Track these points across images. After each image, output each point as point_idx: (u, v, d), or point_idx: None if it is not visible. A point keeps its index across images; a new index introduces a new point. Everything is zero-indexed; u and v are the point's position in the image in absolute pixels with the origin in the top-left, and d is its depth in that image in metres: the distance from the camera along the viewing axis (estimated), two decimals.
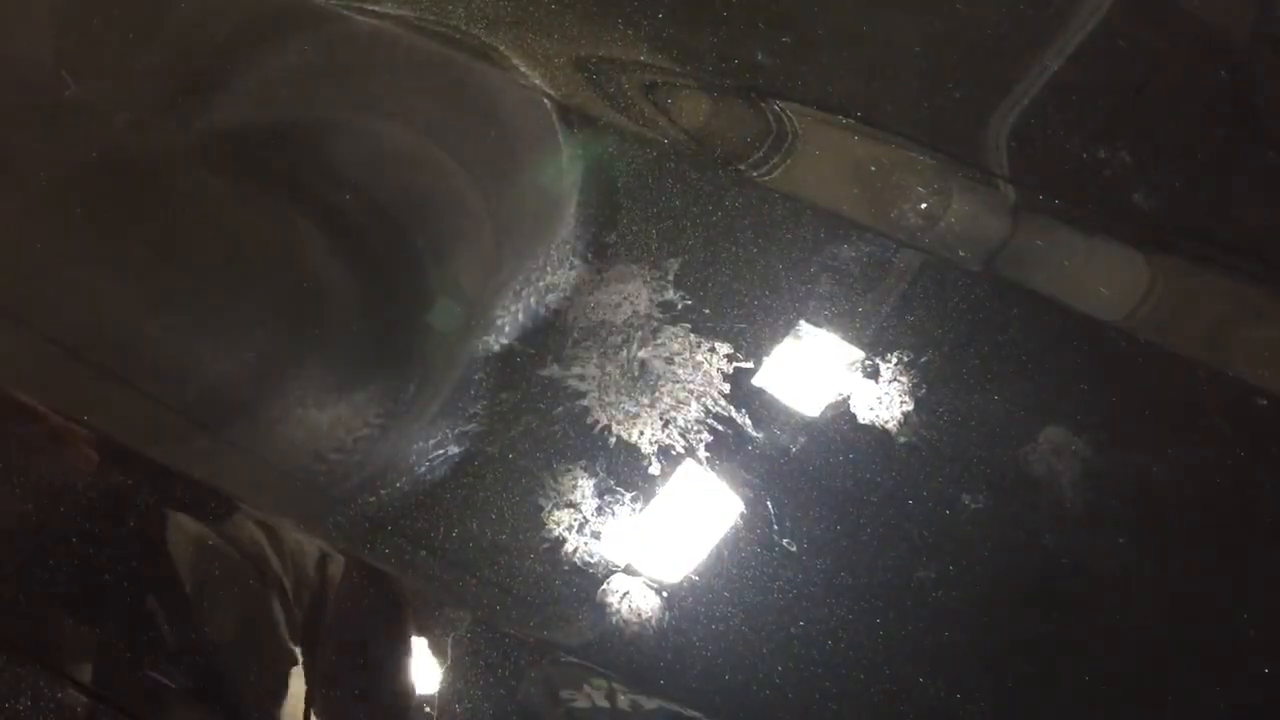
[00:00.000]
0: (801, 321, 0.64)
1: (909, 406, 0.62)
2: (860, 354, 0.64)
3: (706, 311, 0.64)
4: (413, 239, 0.67)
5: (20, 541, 0.56)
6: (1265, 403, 0.65)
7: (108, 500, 0.57)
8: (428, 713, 0.55)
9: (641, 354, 0.62)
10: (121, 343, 0.62)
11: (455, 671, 0.54)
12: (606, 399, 0.60)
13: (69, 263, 0.64)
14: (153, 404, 0.60)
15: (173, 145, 0.67)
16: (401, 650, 0.55)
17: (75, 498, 0.57)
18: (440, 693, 0.55)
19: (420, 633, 0.55)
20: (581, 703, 0.54)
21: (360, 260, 0.66)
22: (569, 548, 0.56)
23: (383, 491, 0.58)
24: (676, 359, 0.62)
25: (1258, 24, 0.86)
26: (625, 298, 0.64)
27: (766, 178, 0.70)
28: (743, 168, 0.71)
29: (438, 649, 0.55)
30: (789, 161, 0.72)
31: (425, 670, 0.55)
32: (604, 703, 0.54)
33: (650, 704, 0.54)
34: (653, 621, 0.55)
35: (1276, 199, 0.78)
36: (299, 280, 0.65)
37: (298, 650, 0.56)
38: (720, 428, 0.60)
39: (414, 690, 0.55)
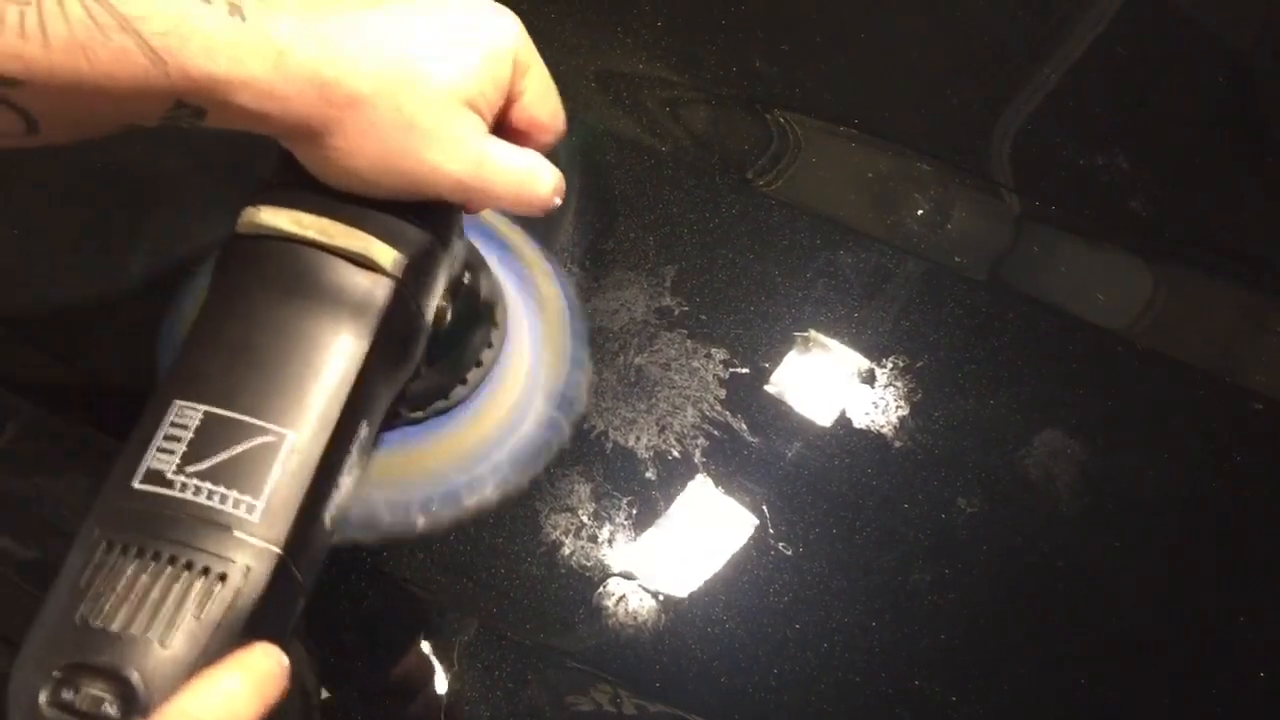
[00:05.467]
0: (797, 327, 0.65)
1: (905, 411, 0.62)
2: (857, 359, 0.64)
3: (703, 318, 0.64)
4: None
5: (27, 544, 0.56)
6: (1260, 407, 0.65)
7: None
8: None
9: (638, 360, 0.62)
10: (119, 344, 0.63)
11: (457, 676, 0.55)
12: (603, 404, 0.61)
13: (72, 265, 0.65)
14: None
15: (173, 150, 0.67)
16: (403, 653, 0.56)
17: (74, 490, 0.57)
18: (439, 696, 0.55)
19: (420, 635, 0.56)
20: (585, 706, 0.55)
21: None
22: (566, 552, 0.57)
23: None
24: (673, 365, 0.62)
25: (1261, 31, 0.86)
26: (622, 304, 0.64)
27: (765, 185, 0.71)
28: (742, 176, 0.71)
29: (439, 652, 0.55)
30: (787, 169, 0.72)
31: (426, 674, 0.55)
32: (608, 707, 0.54)
33: (646, 707, 0.54)
34: (649, 625, 0.55)
35: (1277, 206, 0.78)
36: None
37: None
38: (716, 433, 0.61)
39: (416, 694, 0.55)
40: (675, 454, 0.60)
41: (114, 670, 0.34)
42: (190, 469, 0.38)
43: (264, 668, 0.36)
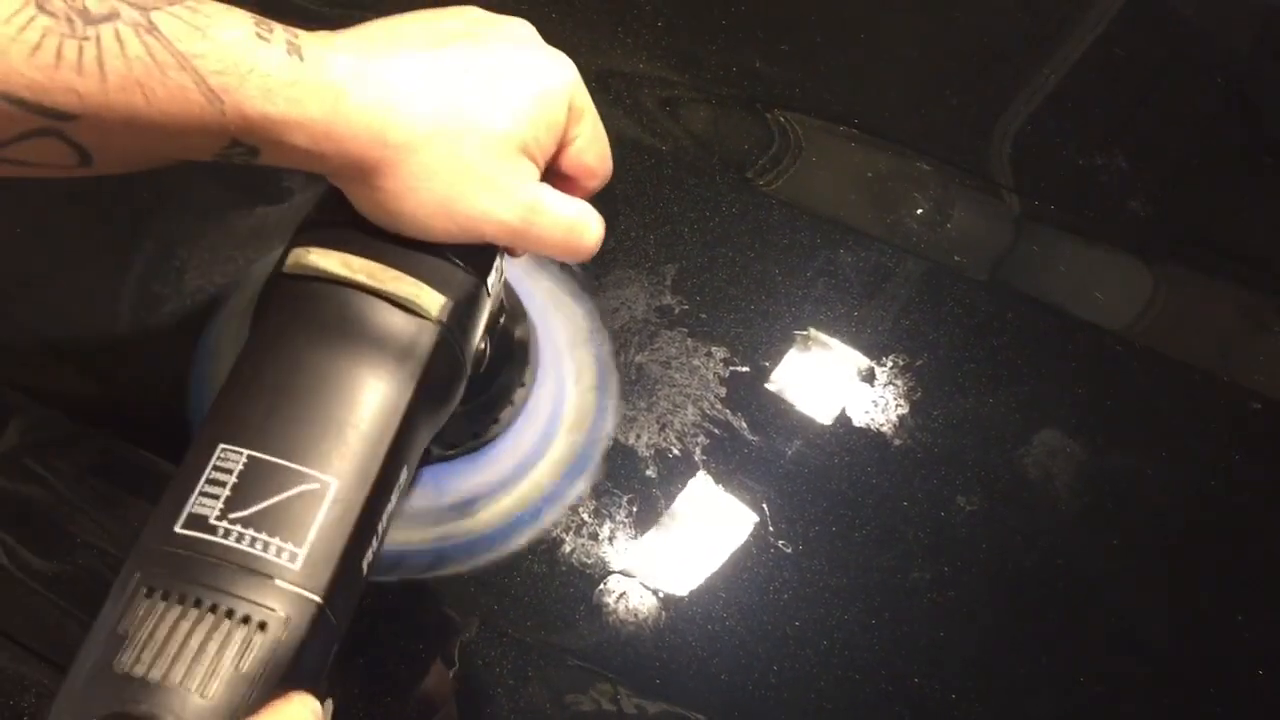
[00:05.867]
0: (797, 326, 0.65)
1: (904, 410, 0.63)
2: (856, 358, 0.64)
3: (703, 316, 0.64)
4: None
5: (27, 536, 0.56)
6: (1260, 407, 0.65)
7: (111, 496, 0.58)
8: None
9: (638, 358, 0.63)
10: (121, 344, 0.63)
11: (458, 674, 0.55)
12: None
13: (75, 265, 0.65)
14: (153, 408, 0.61)
15: None
16: (403, 652, 0.56)
17: (82, 491, 0.58)
18: (440, 695, 0.55)
19: (420, 634, 0.56)
20: (585, 704, 0.55)
21: None
22: (566, 549, 0.57)
23: None
24: (673, 363, 0.63)
25: (1260, 31, 0.86)
26: (623, 303, 0.64)
27: (765, 185, 0.71)
28: (742, 175, 0.71)
29: (439, 650, 0.55)
30: (787, 169, 0.72)
31: (426, 673, 0.56)
32: (608, 705, 0.54)
33: (646, 705, 0.54)
34: (649, 622, 0.55)
35: (1276, 206, 0.78)
36: None
37: None
38: (716, 431, 0.61)
39: (416, 692, 0.56)
40: (675, 452, 0.60)
41: None
42: (233, 515, 0.37)
43: (300, 718, 0.36)
